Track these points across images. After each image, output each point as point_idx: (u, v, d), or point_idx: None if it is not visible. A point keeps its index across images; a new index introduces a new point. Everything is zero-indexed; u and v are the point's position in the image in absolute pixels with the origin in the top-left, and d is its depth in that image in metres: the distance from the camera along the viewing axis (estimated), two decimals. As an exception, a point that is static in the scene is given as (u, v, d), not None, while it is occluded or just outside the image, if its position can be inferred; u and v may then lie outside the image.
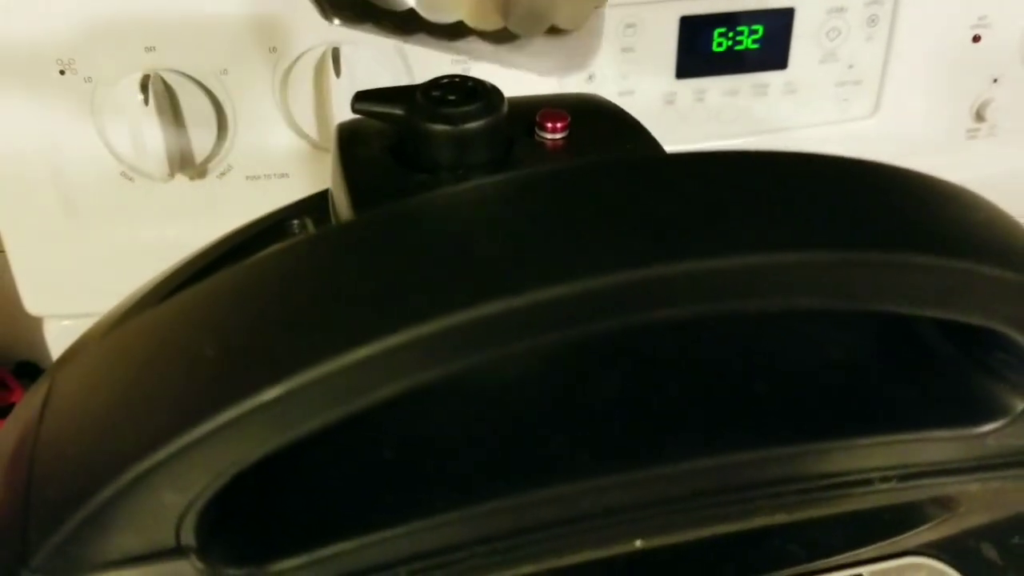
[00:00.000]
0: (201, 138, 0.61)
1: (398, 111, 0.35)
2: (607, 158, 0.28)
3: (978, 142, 0.76)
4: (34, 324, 0.68)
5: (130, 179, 0.62)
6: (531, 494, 0.25)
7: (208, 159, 0.62)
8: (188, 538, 0.22)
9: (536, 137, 0.37)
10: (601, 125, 0.39)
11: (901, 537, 0.26)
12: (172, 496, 0.21)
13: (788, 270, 0.22)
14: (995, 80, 0.73)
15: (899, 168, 0.26)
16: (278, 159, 0.63)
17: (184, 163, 0.61)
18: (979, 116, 0.75)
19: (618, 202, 0.23)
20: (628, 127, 0.39)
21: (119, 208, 0.63)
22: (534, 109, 0.38)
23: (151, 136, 0.58)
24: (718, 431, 0.27)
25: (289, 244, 0.22)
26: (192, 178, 0.62)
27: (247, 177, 0.63)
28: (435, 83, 0.35)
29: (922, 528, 0.26)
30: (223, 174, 0.63)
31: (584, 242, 0.21)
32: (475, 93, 0.35)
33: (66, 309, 0.67)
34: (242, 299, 0.22)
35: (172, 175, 0.60)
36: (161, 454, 0.20)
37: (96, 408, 0.23)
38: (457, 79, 0.36)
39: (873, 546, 0.26)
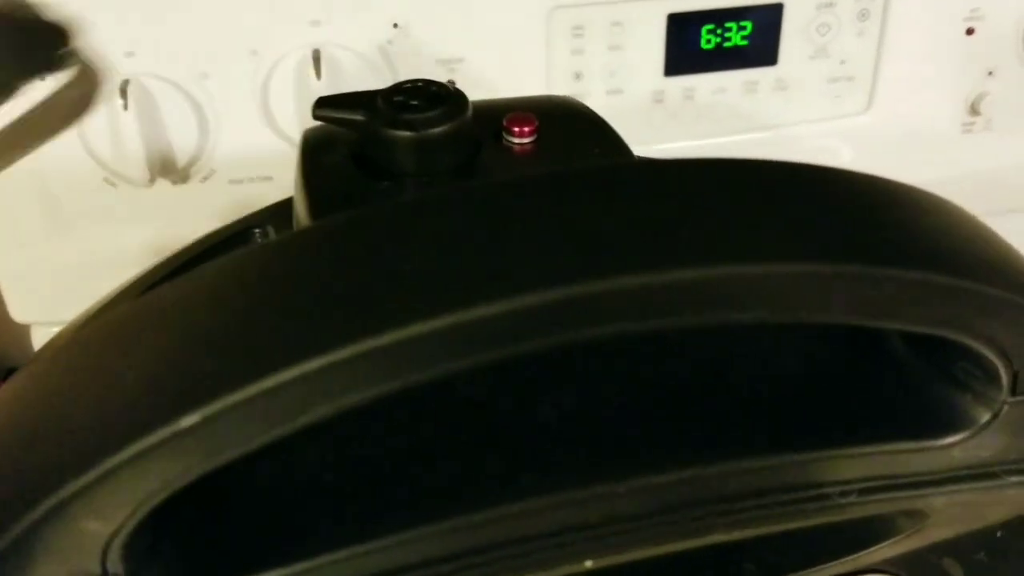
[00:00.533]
0: (183, 142, 0.60)
1: (359, 117, 0.34)
2: (557, 171, 0.28)
3: (974, 136, 0.75)
4: (22, 332, 0.68)
5: (113, 185, 0.62)
6: (478, 514, 0.24)
7: (190, 163, 0.61)
8: (115, 567, 0.22)
9: (504, 142, 0.37)
10: (570, 128, 0.38)
11: (862, 554, 0.25)
12: (94, 525, 0.20)
13: (735, 283, 0.21)
14: (990, 73, 0.72)
15: (857, 173, 0.25)
16: (260, 163, 0.63)
17: (166, 168, 0.61)
18: (974, 110, 0.74)
19: (559, 216, 0.22)
20: (597, 129, 0.38)
21: (103, 214, 0.63)
22: (502, 113, 0.38)
23: (132, 141, 0.58)
24: (673, 446, 0.26)
25: (216, 263, 0.22)
26: (175, 183, 0.62)
27: (230, 181, 0.63)
28: (397, 88, 0.35)
29: (884, 544, 0.25)
30: (206, 178, 0.62)
31: (520, 258, 0.21)
32: (438, 98, 0.35)
33: (53, 316, 0.66)
34: (167, 319, 0.22)
35: (154, 180, 0.60)
36: (79, 483, 0.20)
37: (18, 435, 0.22)
38: (420, 83, 0.35)
39: (833, 563, 0.25)
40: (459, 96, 0.35)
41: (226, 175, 0.62)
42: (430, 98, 0.34)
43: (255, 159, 0.62)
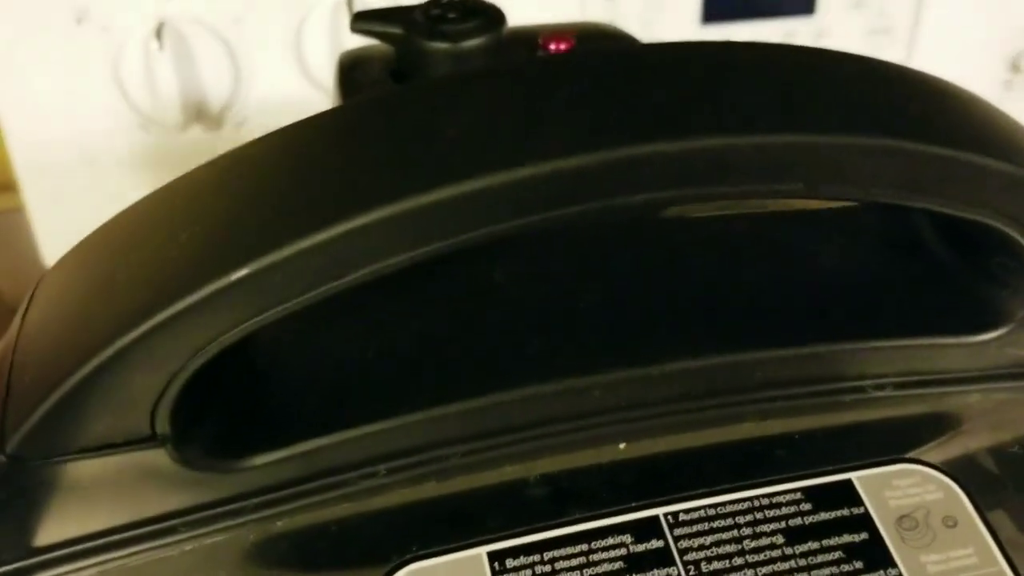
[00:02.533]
0: (217, 88, 0.61)
1: (397, 30, 0.34)
2: (582, 50, 0.28)
3: (1014, 93, 0.74)
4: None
5: (147, 130, 0.62)
6: (513, 394, 0.25)
7: (224, 109, 0.62)
8: (163, 427, 0.22)
9: (538, 59, 0.37)
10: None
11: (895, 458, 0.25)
12: (145, 380, 0.21)
13: (785, 151, 0.22)
14: (1030, 30, 0.71)
15: (892, 63, 0.25)
16: (294, 109, 0.63)
17: (200, 113, 0.61)
18: (1015, 67, 0.73)
19: (602, 87, 0.22)
20: (633, 52, 0.38)
21: (138, 160, 0.64)
22: (538, 34, 0.38)
23: (166, 85, 0.58)
24: (709, 334, 0.26)
25: (263, 137, 0.22)
26: (209, 128, 0.63)
27: (263, 127, 0.63)
28: (435, 2, 0.35)
29: (919, 450, 0.25)
30: (239, 124, 0.63)
31: (559, 125, 0.21)
32: (475, 11, 0.35)
33: (89, 261, 0.67)
34: (216, 188, 0.22)
35: (188, 125, 0.61)
36: (131, 336, 0.20)
37: (73, 298, 0.23)
38: (457, -2, 0.35)
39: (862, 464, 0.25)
40: (495, 9, 0.35)
41: (259, 122, 0.63)
42: (466, 11, 0.35)
43: (288, 106, 0.63)
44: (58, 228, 0.66)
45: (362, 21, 0.35)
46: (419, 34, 0.34)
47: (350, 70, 0.37)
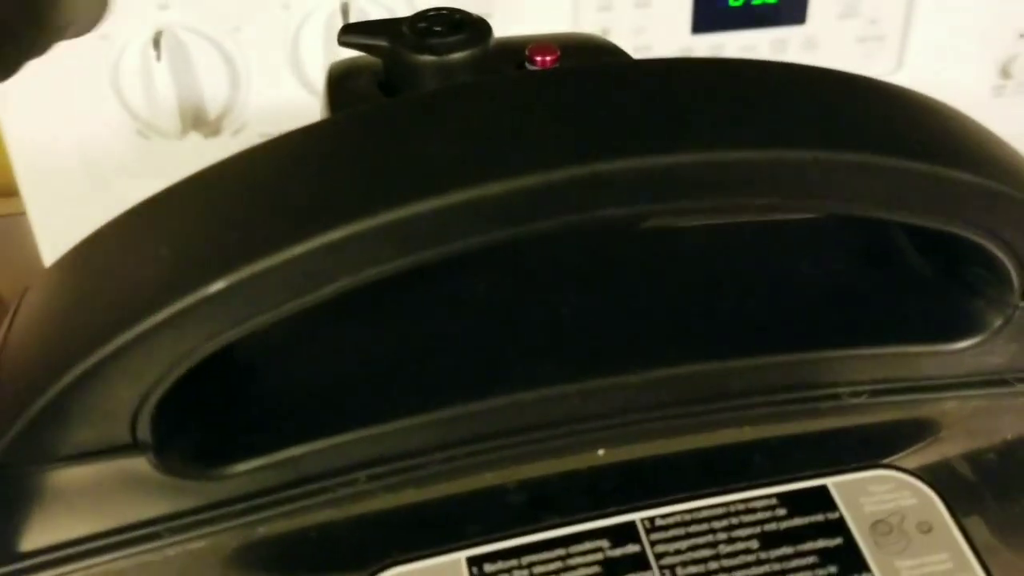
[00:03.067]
0: (215, 95, 0.61)
1: (383, 42, 0.35)
2: (569, 66, 0.28)
3: (1005, 99, 0.74)
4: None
5: (146, 137, 0.63)
6: (492, 401, 0.25)
7: (222, 116, 0.62)
8: (144, 435, 0.22)
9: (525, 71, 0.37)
10: (593, 60, 0.38)
11: (874, 463, 0.26)
12: (125, 389, 0.21)
13: (757, 167, 0.22)
14: (1022, 35, 0.71)
15: (872, 78, 0.26)
16: (292, 117, 0.63)
17: (198, 120, 0.62)
18: (1006, 73, 0.73)
19: (577, 101, 0.23)
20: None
21: (137, 167, 0.64)
22: (525, 46, 0.38)
23: (165, 92, 0.59)
24: (687, 342, 0.27)
25: (243, 151, 0.23)
26: (207, 136, 0.63)
27: (261, 135, 0.64)
28: (422, 15, 0.35)
29: (896, 456, 0.26)
30: (237, 132, 0.63)
31: (535, 140, 0.21)
32: (461, 24, 0.35)
33: (88, 268, 0.67)
34: (196, 201, 0.23)
35: (186, 132, 0.61)
36: (111, 347, 0.21)
37: (56, 309, 0.23)
38: (444, 11, 0.36)
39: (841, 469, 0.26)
40: (481, 23, 0.36)
41: (257, 129, 0.63)
42: (453, 24, 0.35)
43: (286, 113, 0.63)
44: (59, 233, 0.66)
45: (349, 34, 0.35)
46: (406, 47, 0.34)
47: (340, 80, 0.37)
